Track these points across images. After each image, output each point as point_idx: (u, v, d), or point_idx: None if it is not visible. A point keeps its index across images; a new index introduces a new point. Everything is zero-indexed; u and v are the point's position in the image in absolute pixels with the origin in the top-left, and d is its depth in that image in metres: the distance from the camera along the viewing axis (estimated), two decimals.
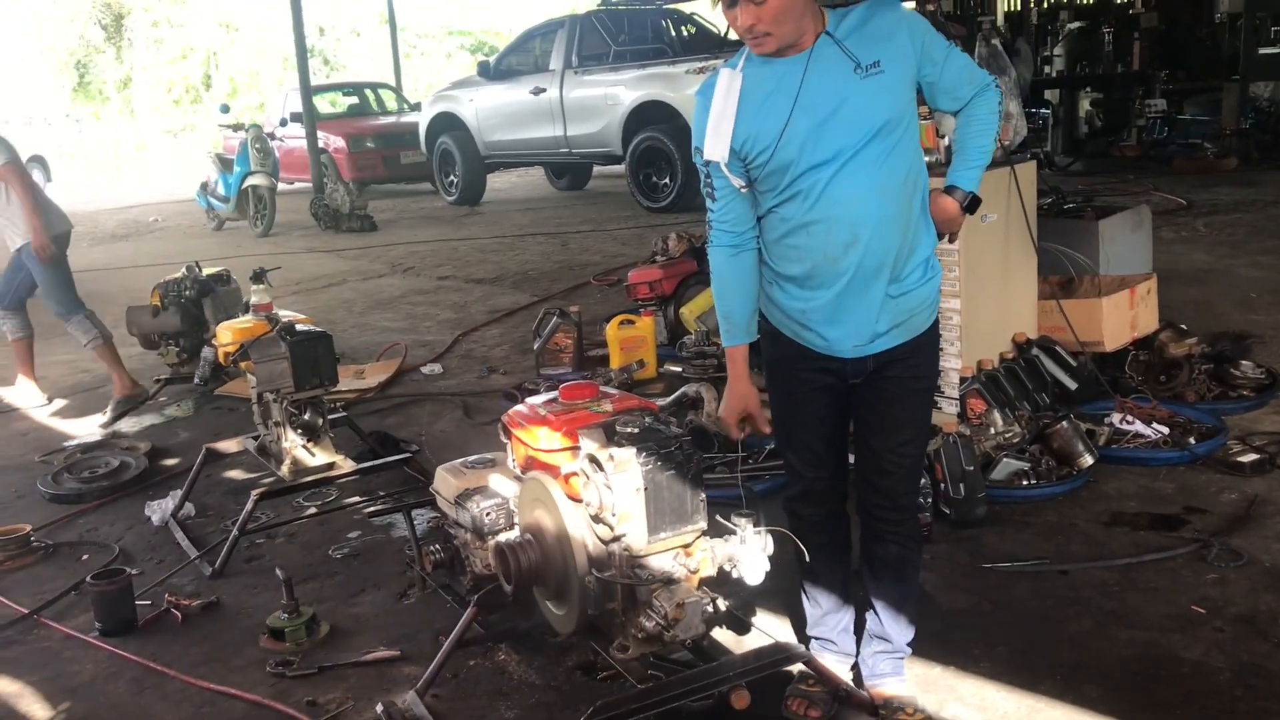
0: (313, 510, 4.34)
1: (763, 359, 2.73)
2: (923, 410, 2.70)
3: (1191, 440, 4.21)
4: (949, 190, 2.63)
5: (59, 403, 6.24)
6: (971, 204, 2.64)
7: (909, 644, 2.80)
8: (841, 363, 2.56)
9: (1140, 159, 12.19)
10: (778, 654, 2.66)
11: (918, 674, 2.89)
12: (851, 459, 2.77)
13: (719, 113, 2.47)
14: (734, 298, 2.63)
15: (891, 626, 2.76)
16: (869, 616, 2.81)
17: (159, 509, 4.37)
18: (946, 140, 4.46)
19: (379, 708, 2.83)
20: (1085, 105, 12.28)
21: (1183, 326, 4.98)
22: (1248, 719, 2.60)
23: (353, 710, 2.93)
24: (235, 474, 4.83)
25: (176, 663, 3.24)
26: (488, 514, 3.01)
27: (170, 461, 5.10)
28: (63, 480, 4.82)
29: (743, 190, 2.52)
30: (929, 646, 2.98)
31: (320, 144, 14.89)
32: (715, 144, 2.48)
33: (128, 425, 5.71)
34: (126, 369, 6.04)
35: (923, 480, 3.52)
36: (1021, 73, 10.21)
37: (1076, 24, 13.28)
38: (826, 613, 2.84)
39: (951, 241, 2.76)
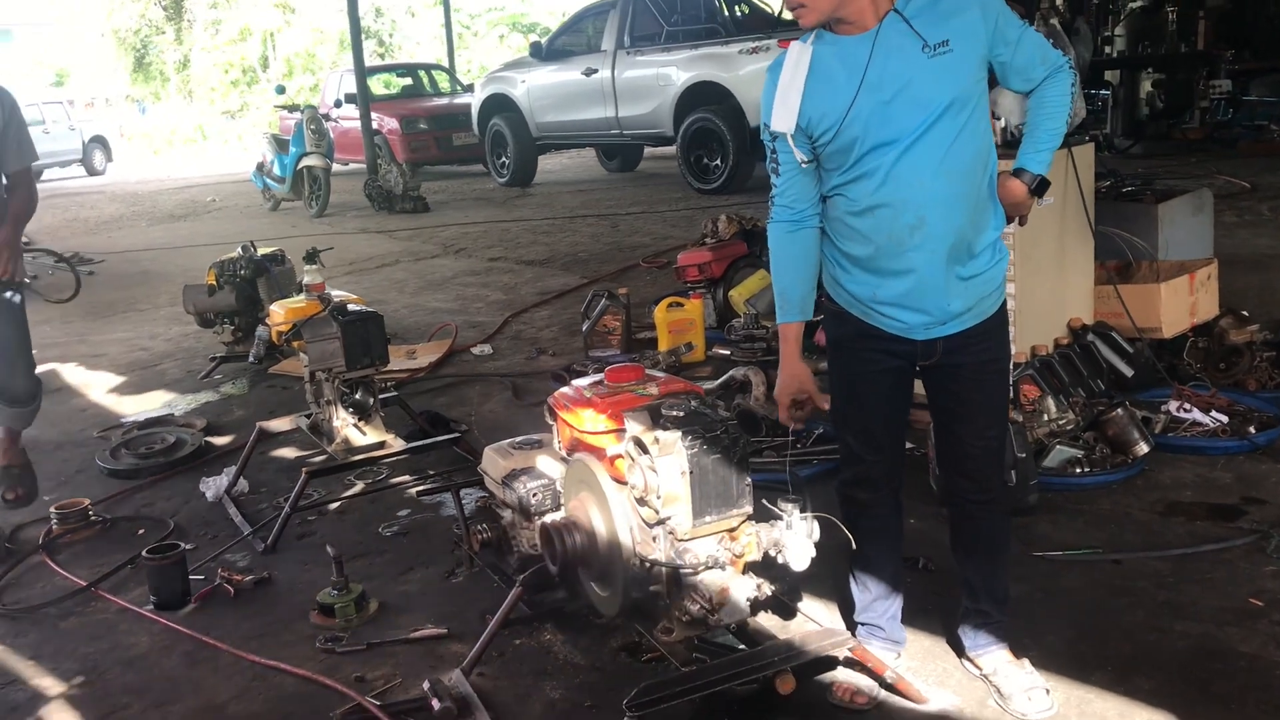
0: (363, 488, 4.39)
1: (827, 338, 2.73)
2: (1002, 392, 2.70)
3: (1251, 429, 4.12)
4: (1017, 173, 2.59)
5: (116, 379, 6.35)
6: (1040, 186, 2.60)
7: (1005, 611, 2.79)
8: (912, 345, 2.55)
9: (1203, 141, 11.90)
10: (823, 640, 2.64)
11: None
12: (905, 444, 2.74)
13: (786, 84, 2.46)
14: (789, 275, 2.61)
15: (989, 599, 2.76)
16: (964, 591, 2.80)
17: (213, 485, 4.44)
18: (1002, 122, 4.39)
19: (426, 685, 2.85)
20: (1146, 86, 12.01)
21: (1244, 313, 4.87)
22: None
23: (400, 687, 2.95)
24: (287, 452, 4.89)
25: (228, 637, 3.29)
26: (534, 495, 3.03)
27: (224, 439, 5.18)
28: (120, 456, 4.91)
29: (805, 166, 2.51)
30: None
31: (374, 125, 15.00)
32: (782, 115, 2.46)
33: (183, 404, 5.80)
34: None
35: None
36: (1081, 53, 9.97)
37: (1139, 2, 12.98)
38: (875, 599, 2.82)
39: (1022, 224, 2.73)
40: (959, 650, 2.85)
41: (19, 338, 4.04)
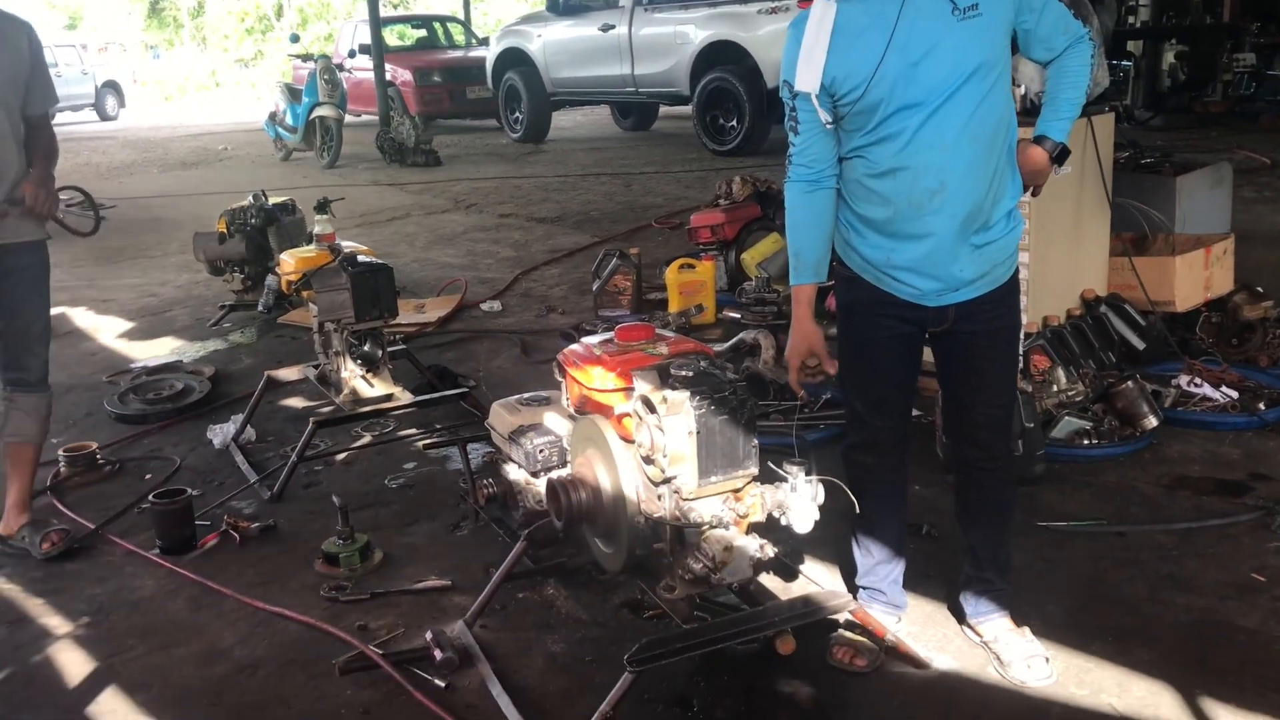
0: (369, 440, 4.40)
1: (837, 303, 2.72)
2: (1012, 360, 2.70)
3: (1261, 406, 4.11)
4: (1038, 140, 2.59)
5: (126, 325, 6.37)
6: (1061, 155, 2.60)
7: (1008, 580, 2.80)
8: (923, 311, 2.54)
9: (1225, 115, 11.81)
10: (825, 602, 2.65)
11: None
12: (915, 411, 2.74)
13: (811, 43, 2.43)
14: (805, 236, 2.60)
15: (991, 567, 2.76)
16: (967, 558, 2.80)
17: (220, 433, 4.45)
18: (1022, 89, 4.35)
19: (428, 635, 2.87)
20: (1169, 58, 11.89)
21: (1259, 289, 4.84)
22: None
23: (402, 636, 2.98)
24: (295, 401, 4.90)
25: (233, 583, 3.32)
26: (541, 451, 3.03)
27: (232, 387, 5.19)
28: (129, 401, 4.93)
29: (827, 126, 2.48)
30: None
31: (388, 77, 14.90)
32: (806, 74, 2.43)
33: (192, 351, 5.81)
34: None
35: None
36: (1104, 22, 9.88)
37: None
38: (878, 563, 2.83)
39: (1035, 194, 2.72)
40: (960, 617, 2.86)
41: (42, 307, 3.60)
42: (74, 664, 2.96)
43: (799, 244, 2.61)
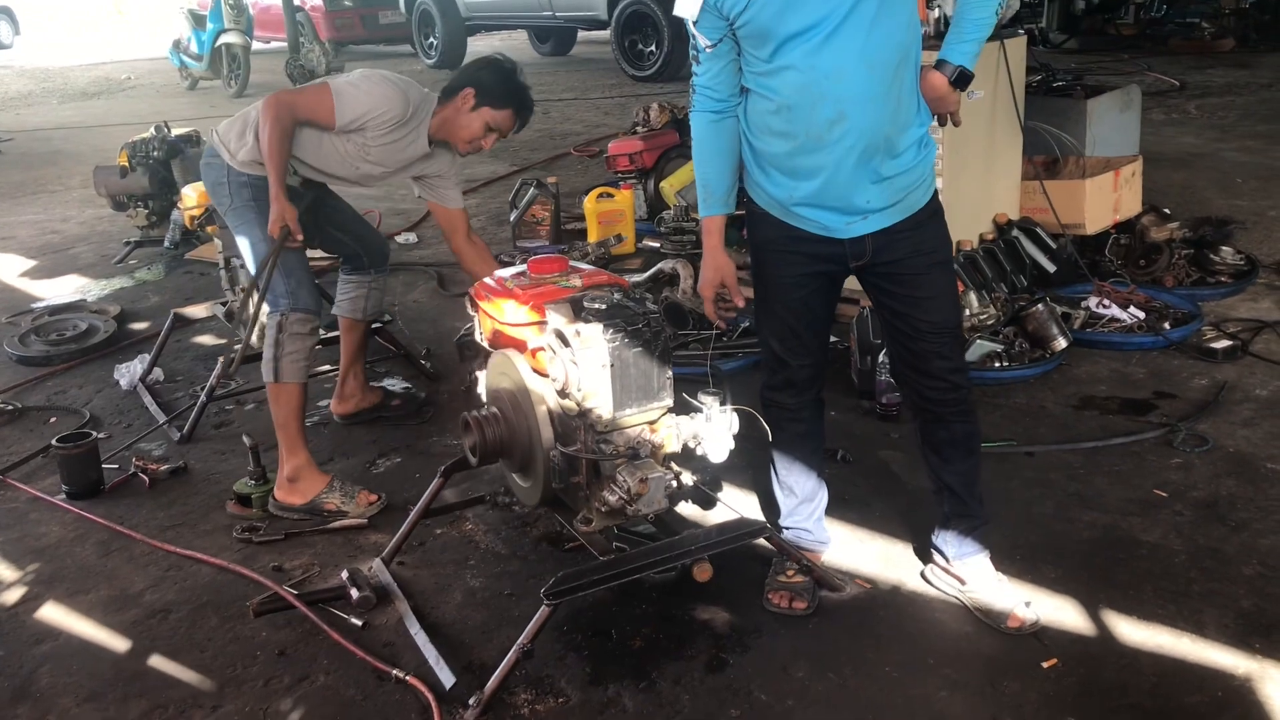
0: None
1: (750, 241, 2.66)
2: (945, 283, 2.57)
3: (1166, 325, 4.21)
4: (938, 65, 2.46)
5: (26, 263, 6.14)
6: (960, 78, 2.45)
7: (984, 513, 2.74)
8: (839, 245, 2.47)
9: (1137, 38, 11.95)
10: (740, 529, 2.66)
11: (879, 549, 2.93)
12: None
13: None
14: (713, 166, 2.54)
15: (971, 502, 2.69)
16: (944, 499, 2.72)
17: (127, 373, 4.34)
18: (937, 12, 4.33)
19: (344, 574, 2.84)
20: None
21: (1166, 210, 4.93)
22: (1200, 600, 2.64)
23: (318, 576, 2.95)
24: (204, 339, 4.78)
25: (143, 526, 3.25)
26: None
27: (139, 325, 5.04)
28: (30, 342, 4.76)
29: (711, 50, 2.40)
30: (893, 525, 3.02)
31: (296, 1, 14.42)
32: (685, 0, 2.37)
33: (96, 289, 5.63)
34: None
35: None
36: None
37: None
38: (801, 502, 2.82)
39: (956, 125, 2.60)
40: (926, 557, 2.82)
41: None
42: None
43: (707, 175, 2.55)
